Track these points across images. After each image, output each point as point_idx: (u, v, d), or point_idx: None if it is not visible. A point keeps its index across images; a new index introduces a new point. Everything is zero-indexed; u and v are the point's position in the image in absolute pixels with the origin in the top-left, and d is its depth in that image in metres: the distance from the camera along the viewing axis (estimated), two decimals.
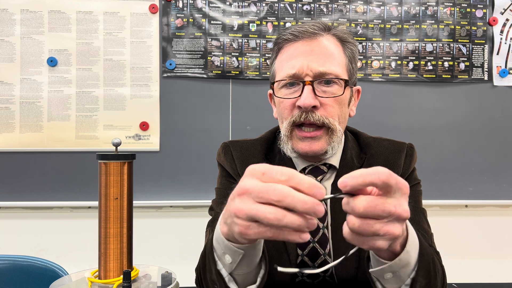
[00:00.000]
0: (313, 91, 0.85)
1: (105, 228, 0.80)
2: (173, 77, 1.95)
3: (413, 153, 0.96)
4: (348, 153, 0.95)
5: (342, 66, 0.89)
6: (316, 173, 0.92)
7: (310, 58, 0.87)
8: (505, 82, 2.05)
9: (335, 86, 0.87)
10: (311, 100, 0.84)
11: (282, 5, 1.98)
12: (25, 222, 1.93)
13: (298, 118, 0.86)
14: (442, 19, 2.03)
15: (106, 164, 0.79)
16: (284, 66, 0.90)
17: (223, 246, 0.63)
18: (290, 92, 0.89)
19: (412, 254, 0.62)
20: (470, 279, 1.99)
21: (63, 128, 1.91)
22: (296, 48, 0.89)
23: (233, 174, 0.97)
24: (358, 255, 0.87)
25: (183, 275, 0.92)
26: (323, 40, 0.89)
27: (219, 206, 0.96)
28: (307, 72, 0.86)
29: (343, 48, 0.91)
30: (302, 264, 0.88)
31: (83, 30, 1.92)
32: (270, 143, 1.00)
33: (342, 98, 0.88)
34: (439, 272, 0.72)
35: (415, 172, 0.97)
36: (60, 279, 0.85)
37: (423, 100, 2.02)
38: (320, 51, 0.87)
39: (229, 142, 1.00)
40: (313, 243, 0.88)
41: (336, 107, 0.88)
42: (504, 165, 2.04)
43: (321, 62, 0.86)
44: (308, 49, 0.88)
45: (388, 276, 0.63)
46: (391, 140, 0.98)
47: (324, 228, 0.88)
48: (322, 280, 0.89)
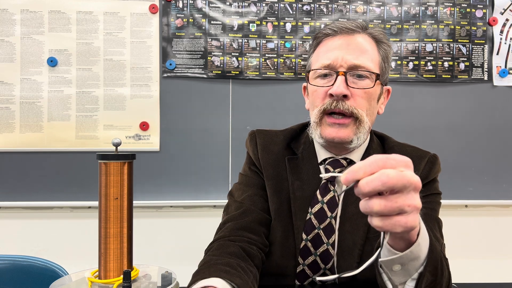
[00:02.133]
0: (345, 82, 0.89)
1: (105, 228, 0.80)
2: (173, 77, 1.95)
3: (436, 162, 0.99)
4: (371, 153, 0.97)
5: (375, 63, 0.94)
6: (336, 165, 0.95)
7: (346, 51, 0.91)
8: (505, 82, 2.05)
9: (367, 80, 0.91)
10: (343, 89, 0.88)
11: (282, 5, 1.98)
12: (25, 222, 1.93)
13: (329, 105, 0.90)
14: (442, 19, 2.03)
15: (106, 164, 0.79)
16: (321, 57, 0.94)
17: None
18: (324, 82, 0.93)
19: (422, 248, 0.63)
20: (470, 279, 1.99)
21: (63, 128, 1.91)
22: (333, 42, 0.94)
23: (254, 160, 1.01)
24: (361, 250, 0.88)
25: (183, 275, 0.92)
26: (359, 37, 0.94)
27: (236, 192, 1.01)
28: (342, 64, 0.90)
29: (378, 47, 0.96)
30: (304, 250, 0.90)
31: (83, 30, 1.92)
32: (295, 134, 1.04)
33: (371, 91, 0.92)
34: (446, 272, 0.72)
35: (436, 183, 1.02)
36: (60, 279, 0.85)
37: (423, 100, 2.02)
38: (356, 46, 0.92)
39: (256, 131, 1.05)
40: (318, 229, 0.90)
41: (365, 100, 0.91)
42: (504, 165, 2.04)
43: (356, 55, 0.91)
44: (345, 43, 0.93)
45: (397, 268, 0.63)
46: (415, 147, 1.02)
47: (332, 218, 0.91)
48: (323, 275, 0.90)
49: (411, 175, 0.51)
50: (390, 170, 0.50)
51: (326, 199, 0.92)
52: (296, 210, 0.93)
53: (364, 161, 0.52)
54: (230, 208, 0.98)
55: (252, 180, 1.00)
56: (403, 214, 0.51)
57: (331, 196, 0.92)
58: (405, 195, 0.51)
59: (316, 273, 0.91)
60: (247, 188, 0.99)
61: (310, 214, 0.92)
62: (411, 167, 0.53)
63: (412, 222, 0.52)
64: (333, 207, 0.92)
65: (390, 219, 0.51)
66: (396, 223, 0.52)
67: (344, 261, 0.89)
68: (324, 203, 0.91)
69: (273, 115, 1.98)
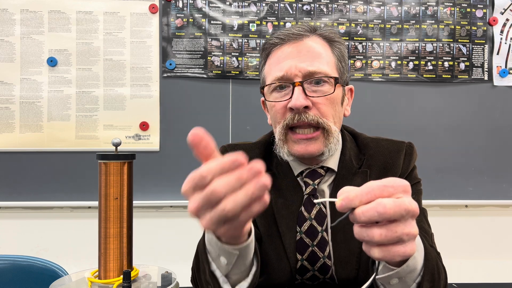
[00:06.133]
0: (304, 92, 0.85)
1: (105, 228, 0.80)
2: (173, 77, 1.95)
3: (413, 152, 0.95)
4: (347, 154, 0.94)
5: (331, 65, 0.89)
6: (314, 176, 0.91)
7: (298, 59, 0.86)
8: (505, 82, 2.05)
9: (326, 85, 0.87)
10: (302, 101, 0.84)
11: (282, 5, 1.98)
12: (25, 222, 1.93)
13: (291, 120, 0.85)
14: (442, 19, 2.03)
15: (106, 164, 0.79)
16: (273, 69, 0.89)
17: (216, 248, 0.62)
18: (281, 95, 0.88)
19: (418, 260, 0.62)
20: (470, 279, 2.00)
21: (63, 128, 1.91)
22: (283, 51, 0.89)
23: None
24: (359, 257, 0.86)
25: (183, 275, 0.92)
26: (309, 41, 0.89)
27: None
28: (296, 73, 0.85)
29: (331, 48, 0.91)
30: (302, 269, 0.88)
31: (83, 30, 1.92)
32: (267, 146, 0.98)
33: (333, 96, 0.87)
34: (442, 274, 0.72)
35: (415, 171, 0.96)
36: (60, 279, 0.85)
37: (423, 100, 2.02)
38: (307, 52, 0.87)
39: (227, 146, 0.99)
40: (312, 246, 0.88)
41: (329, 106, 0.87)
42: (504, 165, 2.04)
43: (309, 61, 0.86)
44: (295, 50, 0.87)
45: (394, 282, 0.63)
46: (389, 140, 0.97)
47: (323, 231, 0.88)
48: (322, 282, 0.89)
49: (409, 202, 0.50)
50: (386, 200, 0.49)
51: (313, 214, 0.88)
52: (284, 230, 0.88)
53: (361, 188, 0.50)
54: None
55: None
56: (401, 243, 0.51)
57: (317, 209, 0.88)
58: (403, 224, 0.50)
59: (315, 281, 0.89)
60: None
61: (300, 233, 0.88)
62: (408, 192, 0.51)
63: (410, 251, 0.52)
64: (321, 220, 0.88)
65: (389, 250, 0.51)
66: (395, 253, 0.51)
67: (343, 269, 0.87)
68: (312, 219, 0.88)
69: None
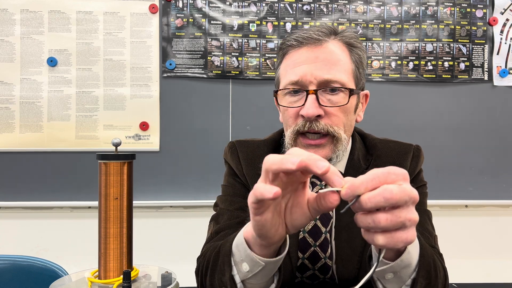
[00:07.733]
0: (317, 100, 0.84)
1: (105, 228, 0.80)
2: (173, 77, 1.95)
3: (420, 155, 0.95)
4: (355, 154, 0.94)
5: (349, 73, 0.87)
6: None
7: (314, 66, 0.84)
8: (505, 82, 2.05)
9: (341, 94, 0.85)
10: (315, 110, 0.83)
11: (282, 5, 1.98)
12: (25, 222, 1.93)
13: (302, 127, 0.85)
14: (442, 19, 2.03)
15: (106, 164, 0.79)
16: (288, 72, 0.88)
17: (243, 254, 0.62)
18: (294, 100, 0.87)
19: (413, 255, 0.63)
20: (470, 279, 1.99)
21: (63, 128, 1.91)
22: (300, 55, 0.87)
23: (239, 174, 0.97)
24: (360, 256, 0.87)
25: (183, 275, 0.92)
26: (328, 45, 0.86)
27: (224, 203, 0.96)
28: (311, 80, 0.84)
29: (350, 54, 0.89)
30: (302, 267, 0.88)
31: (83, 30, 1.92)
32: (276, 145, 0.98)
33: (347, 106, 0.86)
34: (441, 273, 0.72)
35: (421, 174, 0.97)
36: (60, 279, 0.85)
37: (423, 100, 2.02)
38: (325, 58, 0.85)
39: (236, 142, 1.00)
40: (314, 246, 0.87)
41: (341, 116, 0.86)
42: (504, 165, 2.04)
43: (326, 69, 0.84)
44: (313, 55, 0.85)
45: (389, 277, 0.63)
46: (397, 142, 0.98)
47: (327, 232, 0.88)
48: (322, 281, 0.89)
49: (410, 189, 0.50)
50: (392, 185, 0.49)
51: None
52: None
53: (365, 175, 0.50)
54: (222, 217, 0.92)
55: (240, 191, 0.95)
56: (403, 229, 0.51)
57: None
58: (406, 210, 0.50)
59: (315, 280, 0.89)
60: (236, 198, 0.94)
61: (304, 232, 0.88)
62: (407, 180, 0.52)
63: (412, 237, 0.51)
64: (327, 221, 0.88)
65: (392, 236, 0.50)
66: (398, 239, 0.50)
67: (344, 269, 0.87)
68: (317, 219, 0.88)
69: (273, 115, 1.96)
